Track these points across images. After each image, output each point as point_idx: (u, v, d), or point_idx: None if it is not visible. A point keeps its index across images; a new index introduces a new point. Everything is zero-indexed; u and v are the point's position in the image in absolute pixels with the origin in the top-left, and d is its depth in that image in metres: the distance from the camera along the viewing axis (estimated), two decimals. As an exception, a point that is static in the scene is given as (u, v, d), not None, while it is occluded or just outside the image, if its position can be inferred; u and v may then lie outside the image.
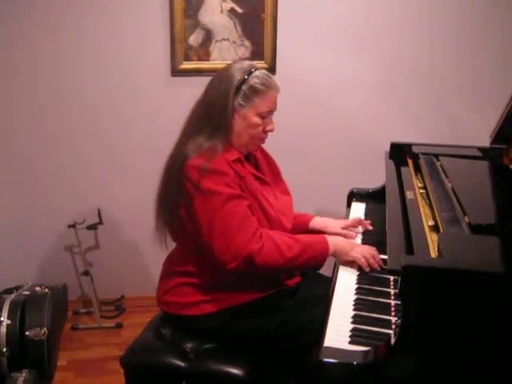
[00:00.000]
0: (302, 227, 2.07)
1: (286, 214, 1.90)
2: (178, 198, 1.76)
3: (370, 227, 2.09)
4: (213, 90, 1.81)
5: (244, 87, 1.76)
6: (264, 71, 1.83)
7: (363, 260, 1.76)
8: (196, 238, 1.77)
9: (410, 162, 2.32)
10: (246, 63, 1.85)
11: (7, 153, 2.88)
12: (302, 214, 2.13)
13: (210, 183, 1.70)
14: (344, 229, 2.06)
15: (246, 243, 1.67)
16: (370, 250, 1.80)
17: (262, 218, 1.79)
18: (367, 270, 1.75)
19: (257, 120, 1.80)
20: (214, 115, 1.78)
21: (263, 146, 2.02)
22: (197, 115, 1.83)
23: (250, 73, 1.78)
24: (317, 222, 2.10)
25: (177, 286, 1.87)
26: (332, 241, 1.81)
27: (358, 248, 1.81)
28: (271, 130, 1.86)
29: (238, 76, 1.77)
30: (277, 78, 1.85)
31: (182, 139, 1.83)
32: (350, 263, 1.80)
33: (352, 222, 2.11)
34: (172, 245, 1.95)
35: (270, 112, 1.84)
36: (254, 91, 1.77)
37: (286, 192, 2.03)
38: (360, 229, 2.10)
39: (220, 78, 1.82)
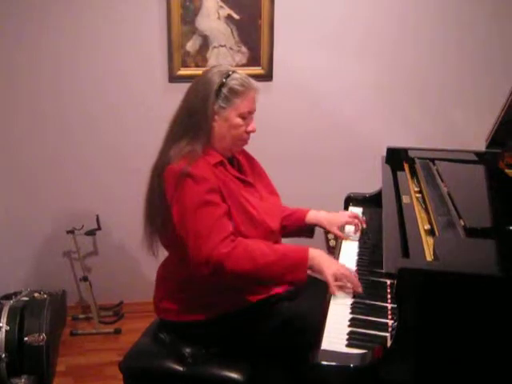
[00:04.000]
0: (298, 223, 2.07)
1: (271, 215, 1.89)
2: (162, 204, 1.77)
3: (364, 225, 2.09)
4: (192, 95, 1.83)
5: (224, 90, 1.78)
6: (242, 73, 1.85)
7: (333, 287, 1.65)
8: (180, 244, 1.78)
9: (406, 166, 2.34)
10: (224, 67, 1.88)
11: (6, 159, 2.88)
12: (295, 211, 2.10)
13: (188, 188, 1.71)
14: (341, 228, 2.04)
15: (214, 247, 1.65)
16: (344, 271, 1.68)
17: (244, 220, 1.79)
18: (336, 293, 1.64)
19: (238, 121, 1.81)
20: (194, 120, 1.79)
21: (247, 149, 2.01)
22: (178, 121, 1.85)
23: (228, 75, 1.80)
24: (311, 217, 2.08)
25: (171, 292, 1.88)
26: (312, 253, 1.71)
27: (334, 268, 1.68)
28: (253, 131, 1.86)
29: (216, 79, 1.79)
30: (254, 81, 1.86)
31: (165, 146, 1.85)
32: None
33: (349, 218, 2.10)
34: (162, 251, 1.94)
35: (251, 112, 1.84)
36: (234, 92, 1.78)
37: (273, 192, 2.03)
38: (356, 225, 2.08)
39: (199, 82, 1.84)
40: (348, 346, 1.39)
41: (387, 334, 1.40)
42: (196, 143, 1.78)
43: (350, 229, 2.12)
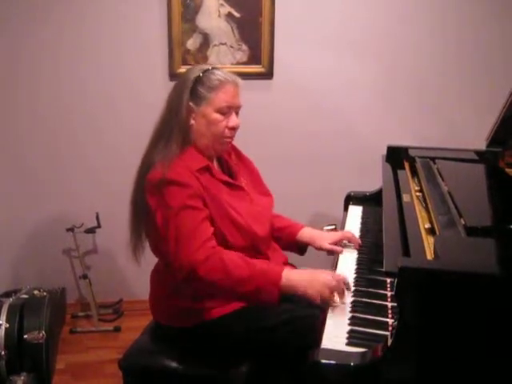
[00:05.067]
0: (289, 240, 2.02)
1: (259, 220, 1.84)
2: (146, 211, 1.76)
3: (359, 242, 1.99)
4: (171, 94, 1.81)
5: (199, 85, 1.75)
6: (221, 69, 1.80)
7: (319, 300, 1.61)
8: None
9: (406, 165, 2.34)
10: (203, 65, 1.85)
11: (6, 157, 2.88)
12: (291, 225, 2.05)
13: (169, 195, 1.68)
14: (332, 244, 1.97)
15: (190, 253, 1.62)
16: (330, 284, 1.61)
17: (230, 228, 1.75)
18: (324, 307, 1.59)
19: (216, 116, 1.76)
20: (171, 119, 1.77)
21: (243, 147, 2.00)
22: (159, 123, 1.82)
23: (205, 71, 1.77)
24: (305, 235, 2.01)
25: (163, 297, 1.87)
26: (288, 275, 1.64)
27: (318, 283, 1.62)
28: (235, 126, 1.80)
29: (192, 76, 1.76)
30: (235, 75, 1.81)
31: (148, 149, 1.83)
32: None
33: (341, 236, 2.01)
34: (150, 256, 1.93)
35: (231, 108, 1.78)
36: (209, 87, 1.74)
37: (266, 193, 1.99)
38: (348, 243, 2.00)
39: (177, 82, 1.83)
40: (348, 344, 1.40)
41: (387, 333, 1.40)
42: (172, 143, 1.75)
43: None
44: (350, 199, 2.47)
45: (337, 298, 1.61)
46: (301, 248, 2.06)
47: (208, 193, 1.74)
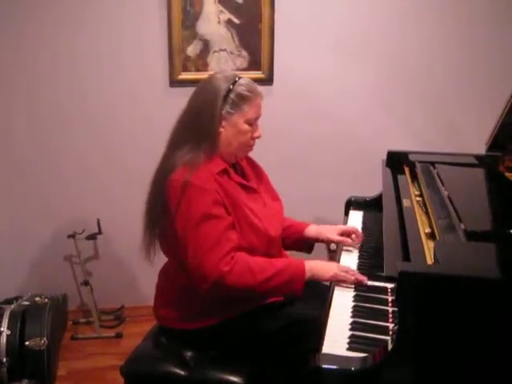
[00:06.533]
0: (296, 236, 2.06)
1: (272, 222, 1.88)
2: (164, 213, 1.77)
3: (360, 240, 2.05)
4: (199, 100, 1.82)
5: (231, 95, 1.77)
6: (247, 79, 1.85)
7: (343, 274, 1.75)
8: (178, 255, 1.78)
9: (406, 170, 2.34)
10: (229, 72, 1.88)
11: (8, 164, 2.89)
12: (297, 223, 2.10)
13: (192, 200, 1.70)
14: (340, 235, 2.03)
15: (215, 265, 1.66)
16: (348, 268, 1.80)
17: (247, 229, 1.78)
18: (349, 283, 1.75)
19: (246, 127, 1.80)
20: (200, 125, 1.78)
21: (250, 154, 2.01)
22: (182, 127, 1.83)
23: (234, 81, 1.79)
24: (311, 231, 2.06)
25: (171, 300, 1.87)
26: (309, 265, 1.77)
27: (333, 270, 1.77)
28: (259, 137, 1.86)
29: (223, 85, 1.78)
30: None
31: (168, 151, 1.84)
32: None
33: (347, 228, 2.08)
34: (159, 257, 1.93)
35: (257, 118, 1.84)
36: (242, 98, 1.78)
37: (276, 198, 2.03)
38: (354, 237, 2.05)
39: (205, 88, 1.84)
40: (349, 349, 1.40)
41: (388, 338, 1.40)
42: (199, 149, 1.77)
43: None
44: (351, 204, 2.47)
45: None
46: (308, 245, 2.10)
47: (228, 196, 1.76)
